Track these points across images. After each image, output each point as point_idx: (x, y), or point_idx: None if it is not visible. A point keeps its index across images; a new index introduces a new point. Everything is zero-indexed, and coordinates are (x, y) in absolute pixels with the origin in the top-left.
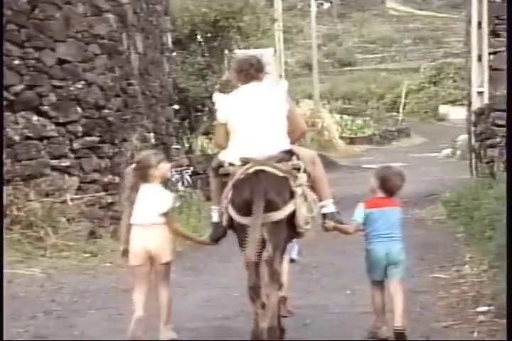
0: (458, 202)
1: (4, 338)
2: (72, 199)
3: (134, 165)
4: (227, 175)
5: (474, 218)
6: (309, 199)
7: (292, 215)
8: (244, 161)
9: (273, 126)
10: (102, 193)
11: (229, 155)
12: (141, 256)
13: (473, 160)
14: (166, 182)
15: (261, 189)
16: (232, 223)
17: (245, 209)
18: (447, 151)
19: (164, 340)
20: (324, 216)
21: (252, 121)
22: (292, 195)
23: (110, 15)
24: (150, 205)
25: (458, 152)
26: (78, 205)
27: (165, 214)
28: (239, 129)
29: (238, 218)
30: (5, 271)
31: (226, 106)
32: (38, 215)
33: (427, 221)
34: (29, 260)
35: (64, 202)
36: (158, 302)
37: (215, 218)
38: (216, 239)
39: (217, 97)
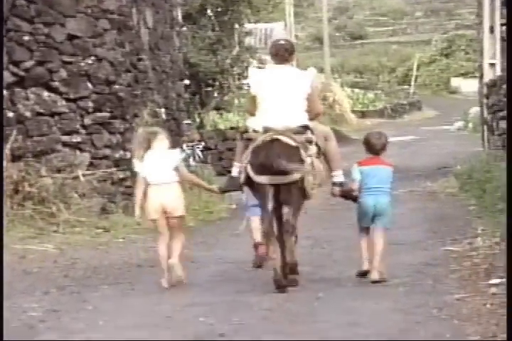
0: (470, 175)
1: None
2: (83, 175)
3: (139, 132)
4: (250, 139)
5: (486, 191)
6: (316, 169)
7: (301, 180)
8: (266, 130)
9: (294, 104)
10: (114, 169)
11: (254, 123)
12: (159, 210)
13: (485, 133)
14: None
15: (274, 154)
16: (248, 181)
17: (261, 170)
18: (459, 124)
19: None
20: (334, 184)
21: (278, 98)
22: (302, 163)
23: None
24: (161, 165)
25: (470, 125)
26: (90, 181)
27: (176, 169)
28: (266, 102)
29: (255, 177)
30: (18, 246)
31: (258, 81)
32: (49, 191)
33: (439, 194)
34: (42, 236)
35: (76, 178)
36: (172, 250)
37: (234, 173)
38: (225, 190)
39: (252, 72)
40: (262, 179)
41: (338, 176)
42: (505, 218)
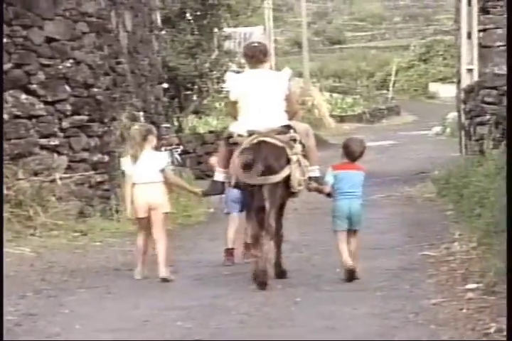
0: (447, 180)
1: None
2: (61, 178)
3: (135, 128)
4: (235, 143)
5: (464, 196)
6: (302, 165)
7: (288, 178)
8: (250, 133)
9: (274, 105)
10: (91, 172)
11: (237, 128)
12: (144, 209)
13: (463, 138)
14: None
15: (262, 156)
16: (237, 183)
17: (249, 171)
18: (437, 129)
19: (163, 276)
20: (310, 178)
21: (257, 100)
22: (288, 161)
23: None
24: (149, 166)
25: (448, 130)
26: (67, 184)
27: (162, 171)
28: (246, 106)
29: (244, 178)
30: None
31: (237, 86)
32: (27, 194)
33: (416, 199)
34: (19, 239)
35: (53, 181)
36: (156, 248)
37: (218, 177)
38: (208, 193)
39: (229, 77)
40: (252, 180)
41: (315, 171)
42: (482, 223)
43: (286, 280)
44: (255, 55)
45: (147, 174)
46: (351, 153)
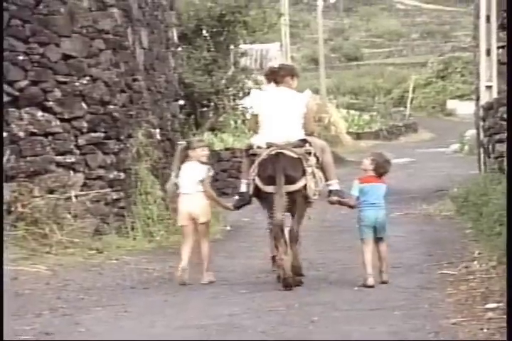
0: (466, 198)
1: (4, 338)
2: (77, 196)
3: (182, 145)
4: (254, 154)
5: (483, 214)
6: (317, 177)
7: (304, 188)
8: (269, 145)
9: (292, 121)
10: (108, 189)
11: (257, 140)
12: (186, 217)
13: (482, 156)
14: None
15: (281, 166)
16: (257, 192)
17: (269, 181)
18: (455, 146)
19: (204, 282)
20: (330, 192)
21: (277, 116)
22: (304, 172)
23: (115, 10)
24: (191, 177)
25: (466, 147)
26: (83, 202)
27: (201, 182)
28: (267, 121)
29: (264, 187)
30: (10, 268)
31: (259, 102)
32: (42, 212)
33: (435, 217)
34: (34, 257)
35: (69, 198)
36: (201, 253)
37: (243, 188)
38: (239, 206)
39: (254, 94)
40: (270, 189)
41: (334, 185)
42: (502, 242)
43: (303, 299)
44: (278, 75)
45: (188, 184)
46: (382, 172)
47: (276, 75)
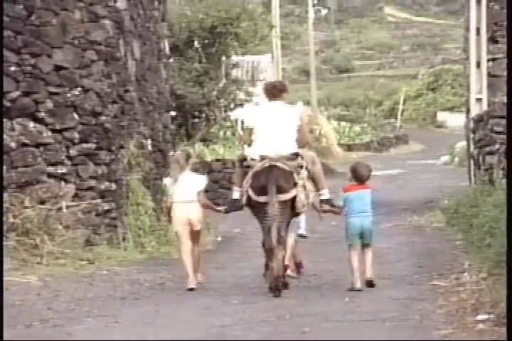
0: (456, 210)
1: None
2: (68, 207)
3: (183, 154)
4: (248, 166)
5: (473, 225)
6: (307, 189)
7: (293, 199)
8: (262, 157)
9: (286, 134)
10: (99, 200)
11: (251, 152)
12: (184, 221)
13: (472, 167)
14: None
15: (273, 177)
16: (249, 202)
17: (261, 191)
18: (445, 158)
19: (199, 282)
20: (321, 201)
21: (271, 129)
22: (295, 184)
23: (107, 22)
24: (189, 186)
25: (456, 159)
26: (74, 212)
27: (199, 191)
28: (261, 134)
29: (256, 197)
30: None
31: (254, 115)
32: (34, 222)
33: (425, 228)
34: (25, 267)
35: (60, 209)
36: (193, 257)
37: (235, 196)
38: (229, 211)
39: (248, 108)
40: (262, 199)
41: (325, 194)
42: (492, 253)
43: (294, 310)
44: (272, 91)
45: (188, 193)
46: (359, 177)
47: (275, 90)
